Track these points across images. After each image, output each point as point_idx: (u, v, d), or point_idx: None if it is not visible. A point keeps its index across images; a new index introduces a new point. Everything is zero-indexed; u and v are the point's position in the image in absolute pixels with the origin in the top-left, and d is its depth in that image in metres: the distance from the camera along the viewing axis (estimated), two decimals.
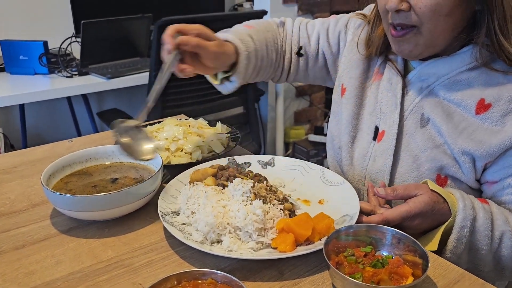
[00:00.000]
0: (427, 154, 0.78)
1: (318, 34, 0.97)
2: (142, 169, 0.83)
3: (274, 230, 0.64)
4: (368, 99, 0.89)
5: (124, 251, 0.66)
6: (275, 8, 2.38)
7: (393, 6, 0.72)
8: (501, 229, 0.71)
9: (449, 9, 0.70)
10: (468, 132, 0.75)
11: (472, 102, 0.75)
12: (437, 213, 0.70)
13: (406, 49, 0.76)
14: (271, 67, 0.97)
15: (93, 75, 1.91)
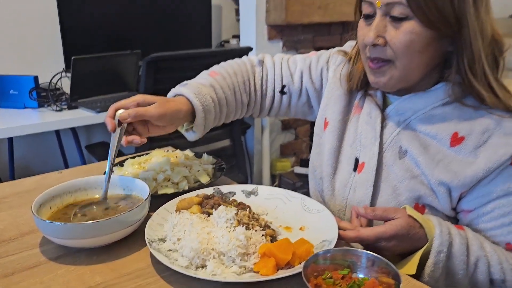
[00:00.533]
0: (405, 184, 0.83)
1: (301, 72, 1.02)
2: (130, 199, 0.86)
3: (256, 255, 0.67)
4: (348, 132, 0.94)
5: (111, 277, 0.69)
6: (260, 45, 2.47)
7: (370, 41, 0.77)
8: (476, 255, 0.75)
9: (422, 46, 0.76)
10: (444, 164, 0.80)
11: (446, 135, 0.81)
12: (413, 237, 0.74)
13: (381, 81, 0.81)
14: (243, 109, 1.01)
15: (82, 109, 1.95)
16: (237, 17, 3.13)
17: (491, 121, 0.78)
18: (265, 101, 1.03)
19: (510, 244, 0.79)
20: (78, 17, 2.24)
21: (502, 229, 0.79)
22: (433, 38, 0.75)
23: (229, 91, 0.96)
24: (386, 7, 0.75)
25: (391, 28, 0.76)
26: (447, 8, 0.72)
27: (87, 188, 0.88)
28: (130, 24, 2.46)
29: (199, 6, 2.74)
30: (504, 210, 0.78)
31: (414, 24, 0.74)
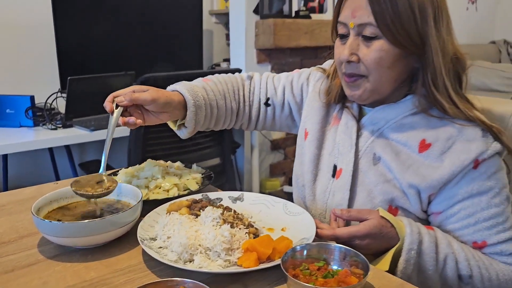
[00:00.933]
0: (379, 188, 0.90)
1: (283, 86, 1.10)
2: (123, 204, 0.91)
3: (240, 250, 0.73)
4: (327, 142, 1.01)
5: (105, 272, 0.74)
6: (250, 68, 2.57)
7: (345, 58, 0.86)
8: (444, 252, 0.82)
9: (391, 63, 0.84)
10: (413, 168, 0.87)
11: (415, 142, 0.88)
12: (385, 236, 0.81)
13: (356, 93, 0.90)
14: (233, 115, 1.08)
15: (77, 127, 2.02)
16: (228, 42, 3.25)
17: (454, 129, 0.86)
18: (252, 112, 1.10)
19: (477, 242, 0.86)
20: (74, 39, 2.33)
21: (468, 229, 0.86)
22: (400, 55, 0.84)
23: (220, 95, 1.03)
24: (358, 28, 0.84)
25: (363, 47, 0.85)
26: (412, 29, 0.81)
27: None
28: (124, 46, 2.56)
29: (191, 31, 2.85)
30: (469, 211, 0.85)
31: (383, 43, 0.82)
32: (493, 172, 0.85)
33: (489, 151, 0.83)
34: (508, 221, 0.85)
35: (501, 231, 0.84)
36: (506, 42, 4.23)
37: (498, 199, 0.85)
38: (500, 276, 0.83)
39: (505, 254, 0.85)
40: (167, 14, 2.71)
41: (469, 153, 0.83)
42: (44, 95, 2.08)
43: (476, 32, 4.40)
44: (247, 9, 2.53)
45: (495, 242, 0.85)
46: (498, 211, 0.84)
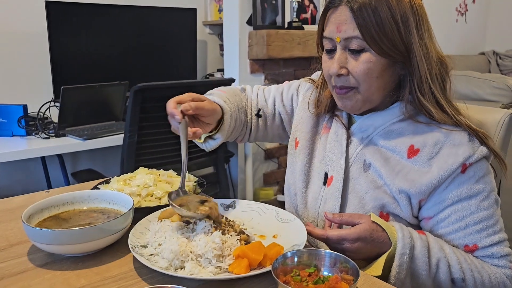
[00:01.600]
0: (370, 194, 0.90)
1: (274, 97, 1.12)
2: (115, 211, 0.91)
3: (231, 257, 0.73)
4: (318, 150, 1.02)
5: (96, 279, 0.73)
6: (243, 78, 2.59)
7: (334, 72, 0.87)
8: (437, 256, 0.82)
9: (379, 73, 0.86)
10: (402, 174, 0.88)
11: (404, 148, 0.90)
12: (375, 240, 0.81)
13: (348, 104, 0.91)
14: (241, 126, 1.09)
15: (69, 136, 2.01)
16: (221, 52, 3.27)
17: (441, 134, 0.87)
18: (247, 124, 1.11)
19: (468, 246, 0.86)
20: (68, 48, 2.34)
21: (459, 233, 0.86)
22: (388, 64, 0.86)
23: (236, 108, 1.03)
24: (345, 42, 0.86)
25: (351, 60, 0.87)
26: (396, 38, 0.83)
27: (74, 202, 0.93)
28: (119, 56, 2.57)
29: (185, 41, 2.87)
30: (459, 215, 0.86)
31: (370, 54, 0.84)
32: (481, 176, 0.86)
33: (476, 155, 0.85)
34: (498, 224, 0.87)
35: (491, 234, 0.86)
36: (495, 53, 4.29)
37: (487, 202, 0.86)
38: (492, 279, 0.84)
39: (496, 257, 0.86)
40: (161, 24, 2.73)
41: (456, 158, 0.85)
42: (37, 104, 2.07)
43: (466, 43, 4.46)
44: (240, 20, 2.56)
45: (486, 245, 0.86)
46: (487, 214, 0.85)
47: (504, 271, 0.86)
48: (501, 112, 1.02)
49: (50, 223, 0.87)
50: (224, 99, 0.98)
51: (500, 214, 0.88)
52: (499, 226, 0.87)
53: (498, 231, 0.86)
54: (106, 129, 2.13)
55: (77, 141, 1.95)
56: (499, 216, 0.88)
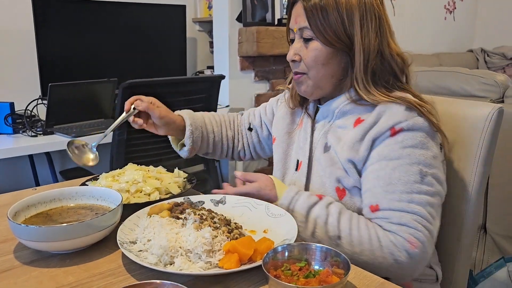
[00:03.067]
0: (328, 171, 0.96)
1: (259, 111, 1.27)
2: (103, 209, 0.90)
3: (221, 252, 0.72)
4: (294, 143, 1.10)
5: (84, 276, 0.72)
6: (233, 75, 2.58)
7: (290, 58, 0.99)
8: (317, 213, 0.89)
9: (325, 60, 0.95)
10: (349, 145, 0.94)
11: (351, 122, 0.97)
12: (264, 196, 0.95)
13: (302, 89, 1.01)
14: (229, 142, 1.24)
15: (57, 134, 1.98)
16: (211, 49, 3.25)
17: (383, 106, 0.92)
18: (244, 140, 1.26)
19: (372, 205, 0.89)
20: (55, 45, 2.30)
21: (369, 192, 0.90)
22: (333, 53, 0.95)
23: (216, 123, 1.21)
24: (300, 31, 0.97)
25: (303, 47, 0.97)
26: (340, 31, 0.92)
27: (62, 199, 0.92)
28: (107, 52, 2.54)
29: (174, 38, 2.85)
30: (375, 174, 0.89)
31: (317, 43, 0.94)
32: (410, 145, 0.88)
33: (408, 121, 0.88)
34: (410, 195, 0.86)
35: (396, 199, 0.86)
36: (483, 50, 4.33)
37: (405, 168, 0.87)
38: (373, 241, 0.84)
39: (392, 222, 0.85)
40: (150, 21, 2.71)
41: (388, 122, 0.90)
42: (24, 102, 2.04)
43: (454, 40, 4.50)
44: (230, 17, 2.54)
45: (387, 207, 0.87)
46: (400, 179, 0.87)
47: (395, 238, 0.84)
48: (489, 106, 1.02)
49: (37, 220, 0.85)
50: (193, 115, 1.16)
51: (425, 192, 0.86)
52: (411, 197, 0.86)
53: (407, 200, 0.85)
54: (95, 126, 2.10)
55: (65, 139, 1.92)
56: (421, 191, 0.86)
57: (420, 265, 0.86)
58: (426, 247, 0.84)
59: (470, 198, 1.04)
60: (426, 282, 1.01)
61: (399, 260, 0.83)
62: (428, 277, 1.01)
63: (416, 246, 0.83)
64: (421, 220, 0.85)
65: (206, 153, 1.22)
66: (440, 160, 0.92)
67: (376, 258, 0.84)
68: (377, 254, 0.84)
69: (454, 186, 1.05)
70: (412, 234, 0.84)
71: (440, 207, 0.91)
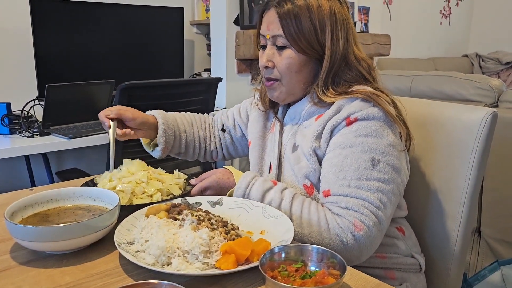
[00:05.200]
0: (296, 168, 1.00)
1: (233, 112, 1.29)
2: (100, 210, 0.90)
3: (218, 253, 0.73)
4: (267, 147, 1.13)
5: (81, 276, 0.72)
6: (230, 78, 2.58)
7: (263, 64, 1.01)
8: (271, 197, 0.92)
9: (298, 67, 0.98)
10: (310, 138, 0.98)
11: (313, 118, 1.01)
12: (224, 186, 0.98)
13: (274, 95, 1.04)
14: (201, 142, 1.25)
15: (54, 135, 1.98)
16: (208, 52, 3.26)
17: (343, 101, 0.96)
18: (216, 141, 1.28)
19: (325, 190, 0.92)
20: (53, 45, 2.30)
21: (324, 178, 0.94)
22: (305, 61, 0.98)
23: (187, 123, 1.23)
24: (273, 39, 0.99)
25: (277, 55, 0.99)
26: (313, 39, 0.96)
27: (59, 199, 0.92)
28: (105, 54, 2.54)
29: (172, 40, 2.85)
30: (330, 162, 0.93)
31: (291, 51, 0.97)
32: (364, 133, 0.91)
33: (362, 111, 0.92)
34: (360, 181, 0.89)
35: (346, 185, 0.89)
36: (478, 55, 4.37)
37: (357, 156, 0.90)
38: (322, 223, 0.87)
39: (340, 206, 0.89)
40: (148, 23, 2.71)
41: (343, 113, 0.94)
42: (21, 103, 2.03)
43: (449, 45, 4.53)
44: (228, 20, 2.55)
45: (336, 193, 0.90)
46: (351, 165, 0.90)
47: (341, 220, 0.87)
48: (484, 110, 1.04)
49: (34, 220, 0.85)
50: (163, 114, 1.17)
51: (376, 179, 0.89)
52: (360, 183, 0.89)
53: (356, 186, 0.89)
54: (92, 128, 2.10)
55: (62, 140, 1.93)
56: (371, 178, 0.89)
57: (366, 250, 0.89)
58: (372, 232, 0.87)
59: (464, 201, 1.05)
60: (410, 272, 1.03)
61: (345, 242, 0.86)
62: (410, 266, 1.03)
63: (361, 229, 0.86)
64: (367, 205, 0.88)
65: (179, 153, 1.23)
66: (399, 149, 0.94)
67: (324, 239, 0.87)
68: (324, 235, 0.87)
69: (448, 189, 1.06)
70: (358, 218, 0.87)
71: (395, 195, 0.93)
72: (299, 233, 0.88)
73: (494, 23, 4.62)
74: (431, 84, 2.06)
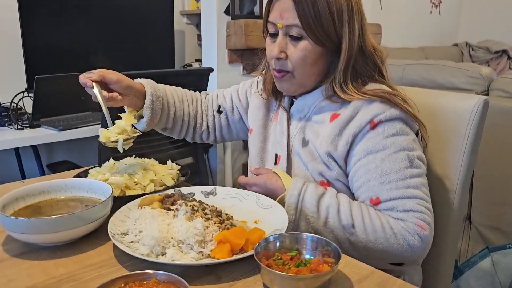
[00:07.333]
0: (310, 166, 0.97)
1: (231, 94, 1.22)
2: (93, 202, 0.89)
3: (213, 242, 0.73)
4: (270, 136, 1.10)
5: (75, 268, 0.72)
6: (221, 68, 2.57)
7: (274, 55, 0.94)
8: (328, 202, 0.88)
9: (313, 60, 0.94)
10: (326, 139, 0.95)
11: (328, 117, 0.97)
12: (270, 187, 0.94)
13: (284, 86, 1.00)
14: (191, 120, 1.18)
15: (44, 127, 1.96)
16: (199, 42, 3.24)
17: (360, 102, 0.93)
18: (209, 121, 1.21)
19: (372, 199, 0.90)
20: (41, 37, 2.27)
21: (365, 186, 0.91)
22: (322, 53, 0.94)
23: (177, 97, 1.14)
24: (286, 28, 0.93)
25: (290, 46, 0.94)
26: (331, 30, 0.91)
27: (51, 191, 0.91)
28: (94, 45, 2.51)
29: (162, 31, 2.82)
30: (365, 169, 0.91)
31: (307, 43, 0.92)
32: (391, 134, 0.90)
33: (385, 113, 0.90)
34: (405, 180, 0.88)
35: (394, 188, 0.88)
36: (468, 44, 4.38)
37: (393, 157, 0.89)
38: (386, 229, 0.86)
39: (398, 210, 0.88)
40: (138, 14, 2.68)
41: (366, 117, 0.91)
42: (9, 95, 2.01)
43: (440, 34, 4.54)
44: (218, 10, 2.53)
45: (388, 198, 0.88)
46: (392, 168, 0.88)
47: (405, 224, 0.86)
48: (475, 98, 1.04)
49: (26, 212, 0.85)
50: (153, 84, 1.09)
51: (415, 174, 0.90)
52: (405, 183, 0.88)
53: (404, 186, 0.88)
54: (82, 119, 2.08)
55: (52, 132, 1.91)
56: (412, 175, 0.89)
57: (429, 246, 0.89)
58: (432, 228, 0.88)
59: (456, 189, 1.06)
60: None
61: (412, 244, 0.86)
62: None
63: (425, 228, 0.87)
64: (422, 202, 0.88)
65: (165, 128, 1.15)
66: (419, 143, 0.95)
67: (391, 245, 0.86)
68: (391, 241, 0.86)
69: (440, 177, 1.07)
70: (419, 217, 0.87)
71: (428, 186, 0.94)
72: (364, 240, 0.86)
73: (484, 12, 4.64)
74: (422, 73, 2.06)
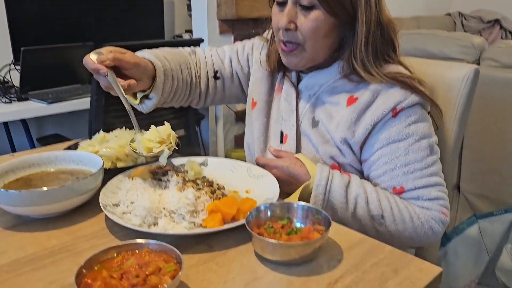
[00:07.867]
0: (321, 148, 0.95)
1: (230, 58, 1.12)
2: (84, 174, 0.89)
3: (204, 212, 0.73)
4: (273, 111, 1.05)
5: (67, 239, 0.73)
6: (212, 39, 2.52)
7: (283, 25, 0.88)
8: (356, 192, 0.86)
9: (326, 32, 0.88)
10: (342, 124, 0.92)
11: (344, 100, 0.93)
12: (292, 173, 0.89)
13: (293, 62, 0.94)
14: (188, 89, 1.06)
15: (33, 100, 1.93)
16: (189, 12, 3.16)
17: (378, 85, 0.90)
18: (202, 86, 1.10)
19: (395, 188, 0.90)
20: (26, 7, 2.20)
21: (387, 175, 0.90)
22: (335, 24, 0.88)
23: (177, 66, 1.01)
24: None
25: (301, 16, 0.88)
26: None
27: (41, 164, 0.90)
28: (82, 15, 2.45)
29: (151, 1, 2.76)
30: (387, 158, 0.90)
31: (319, 13, 0.86)
32: (413, 121, 0.89)
33: (407, 100, 0.88)
34: (428, 169, 0.89)
35: (418, 177, 0.88)
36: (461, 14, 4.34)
37: (416, 146, 0.88)
38: (414, 219, 0.87)
39: (423, 199, 0.89)
40: None
41: (388, 103, 0.88)
42: None
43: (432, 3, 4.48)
44: None
45: (412, 187, 0.88)
46: (415, 157, 0.88)
47: (431, 213, 0.88)
48: (466, 67, 1.04)
49: (16, 185, 0.84)
50: (156, 56, 0.95)
51: (435, 161, 0.90)
52: (429, 171, 0.89)
53: (428, 175, 0.88)
54: (72, 92, 2.05)
55: (41, 105, 1.88)
56: (433, 162, 0.90)
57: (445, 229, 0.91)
58: (450, 210, 0.90)
59: (446, 158, 1.07)
60: None
61: (437, 231, 0.88)
62: None
63: (447, 215, 0.89)
64: (442, 189, 0.90)
65: (163, 104, 1.03)
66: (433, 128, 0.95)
67: (418, 234, 0.87)
68: (419, 230, 0.87)
69: None
70: (442, 204, 0.89)
71: None
72: (393, 230, 0.86)
73: None
74: (414, 43, 2.05)
